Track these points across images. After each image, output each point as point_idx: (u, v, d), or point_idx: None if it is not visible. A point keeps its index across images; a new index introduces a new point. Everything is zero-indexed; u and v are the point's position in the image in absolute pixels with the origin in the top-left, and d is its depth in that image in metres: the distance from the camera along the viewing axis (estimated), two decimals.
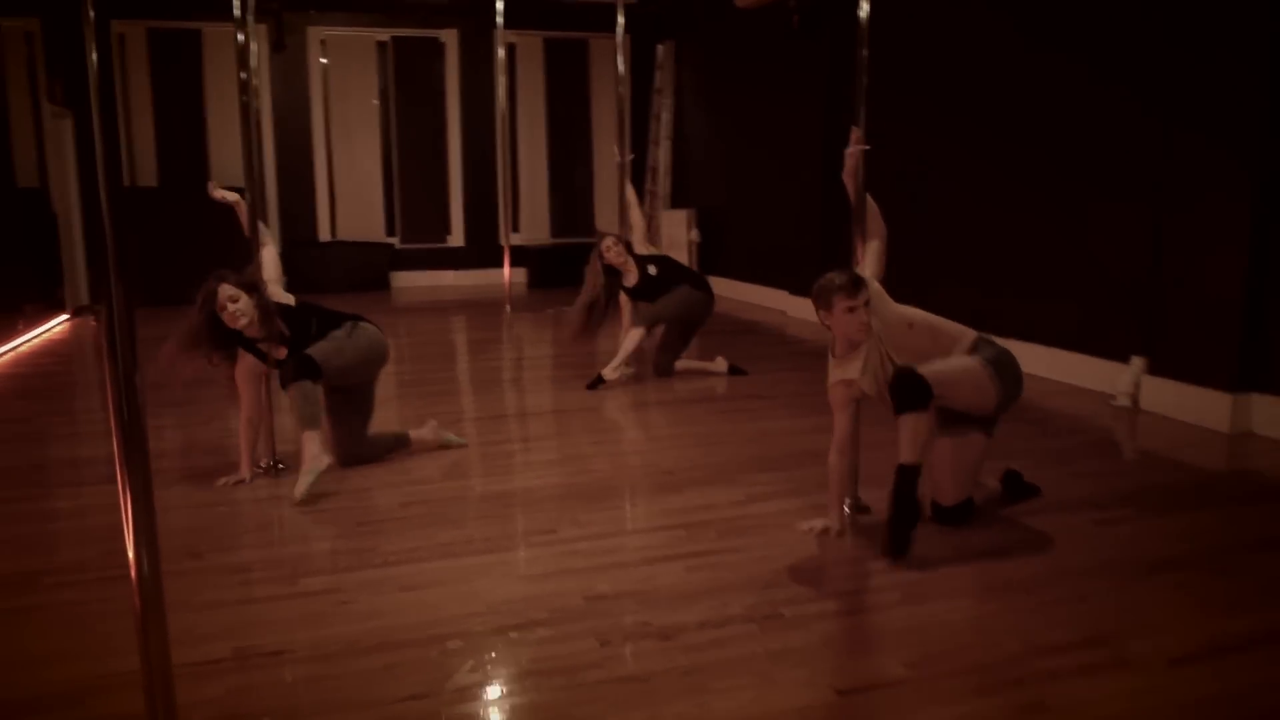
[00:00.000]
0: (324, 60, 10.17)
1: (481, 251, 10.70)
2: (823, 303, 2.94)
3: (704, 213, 9.62)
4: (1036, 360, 5.45)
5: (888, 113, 6.60)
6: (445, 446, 4.17)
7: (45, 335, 7.60)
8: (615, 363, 5.44)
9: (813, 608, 2.59)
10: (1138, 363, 4.75)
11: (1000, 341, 3.27)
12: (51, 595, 2.74)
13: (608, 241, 5.50)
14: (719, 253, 9.48)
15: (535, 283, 10.61)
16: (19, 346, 7.00)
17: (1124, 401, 4.74)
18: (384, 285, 10.46)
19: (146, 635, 1.28)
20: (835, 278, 2.94)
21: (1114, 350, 4.95)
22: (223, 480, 3.70)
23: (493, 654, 2.34)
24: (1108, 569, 2.81)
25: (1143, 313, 4.75)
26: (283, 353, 3.71)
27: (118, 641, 2.41)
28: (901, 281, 6.74)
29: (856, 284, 2.91)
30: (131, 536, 1.25)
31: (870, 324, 2.94)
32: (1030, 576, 2.76)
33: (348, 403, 3.89)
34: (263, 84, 9.80)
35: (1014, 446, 4.08)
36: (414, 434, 4.12)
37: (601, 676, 2.23)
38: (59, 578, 2.84)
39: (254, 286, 3.63)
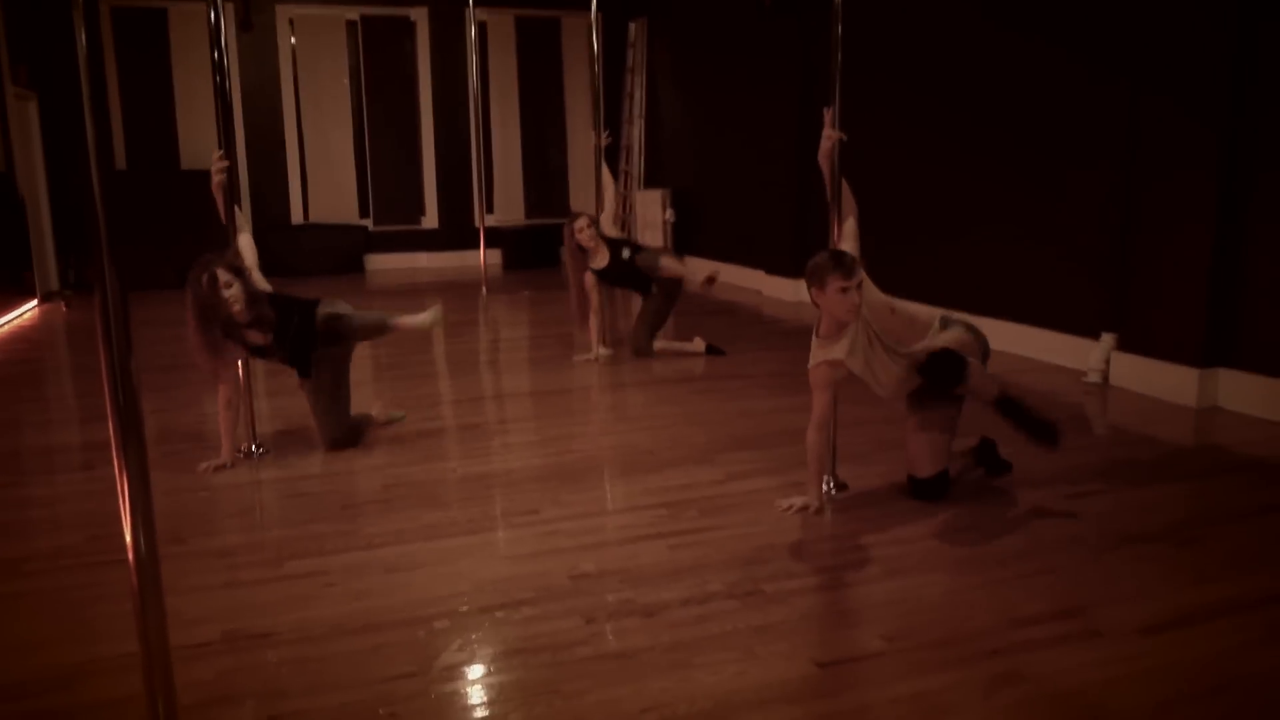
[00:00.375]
0: (293, 40, 10.06)
1: (456, 233, 10.67)
2: (816, 281, 2.95)
3: (679, 192, 9.63)
4: (1007, 337, 5.53)
5: (859, 90, 6.63)
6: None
7: (14, 321, 7.51)
8: (595, 351, 5.52)
9: (793, 584, 2.63)
10: (1107, 339, 4.84)
11: (970, 318, 3.35)
12: (35, 581, 2.73)
13: (580, 222, 5.49)
14: (694, 232, 9.50)
15: (511, 264, 10.60)
16: None
17: (1094, 378, 4.83)
18: (358, 268, 10.41)
19: (145, 617, 1.30)
20: (830, 257, 2.96)
21: (1084, 327, 5.04)
22: (204, 465, 3.70)
23: (479, 633, 2.37)
24: (1079, 542, 2.88)
25: (1112, 289, 4.83)
26: (268, 339, 3.71)
27: (104, 626, 2.43)
28: (874, 259, 6.79)
29: (851, 265, 2.93)
30: (129, 519, 1.27)
31: (860, 306, 2.98)
32: (1005, 550, 2.83)
33: (327, 391, 3.89)
34: (231, 64, 9.67)
35: (986, 421, 4.14)
36: (371, 414, 4.26)
37: (587, 654, 2.27)
38: (41, 564, 2.84)
39: (241, 270, 3.62)
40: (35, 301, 8.35)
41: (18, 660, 2.29)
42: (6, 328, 7.22)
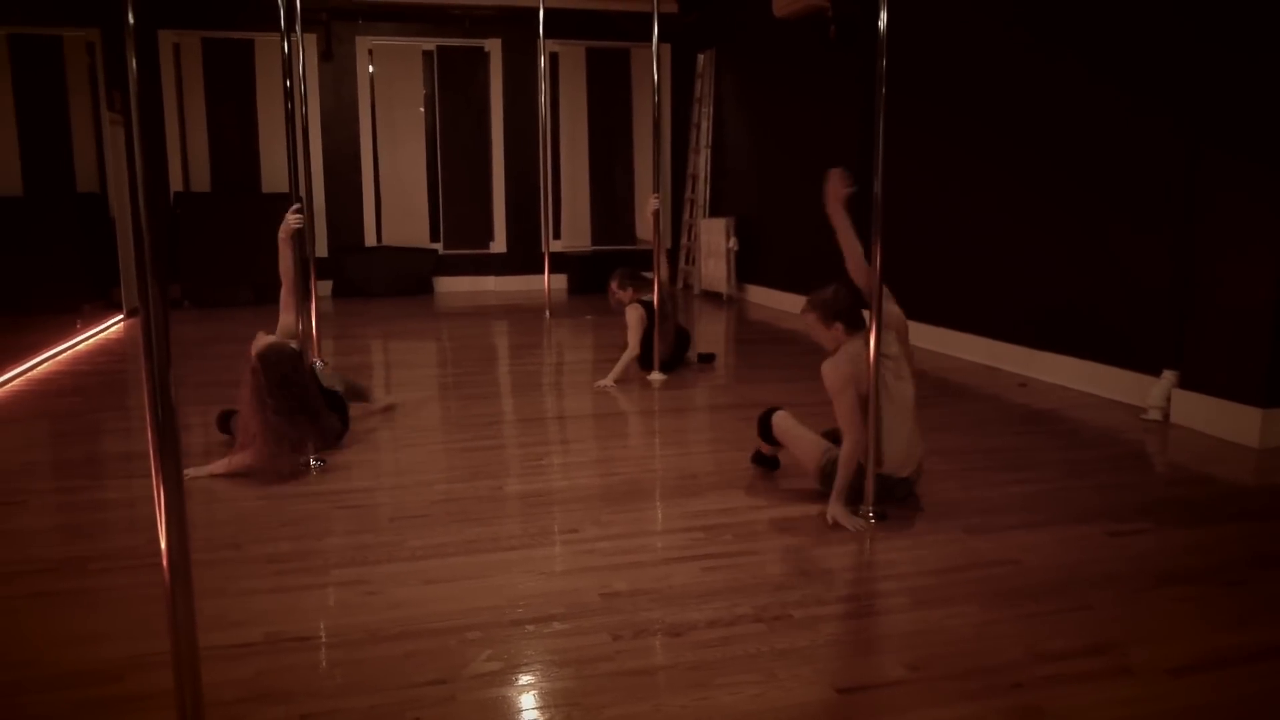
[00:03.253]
0: (371, 69, 10.41)
1: (523, 258, 10.87)
2: (831, 317, 3.43)
3: (742, 221, 9.69)
4: (1067, 372, 5.46)
5: (914, 120, 6.64)
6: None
7: (101, 335, 7.88)
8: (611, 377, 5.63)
9: (821, 610, 2.65)
10: (1168, 376, 4.74)
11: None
12: (97, 580, 2.89)
13: (612, 284, 5.90)
14: (757, 261, 9.54)
15: (576, 289, 10.76)
16: (77, 345, 7.27)
17: (1154, 415, 4.73)
18: (428, 290, 10.67)
19: (175, 614, 1.39)
20: (855, 300, 3.34)
21: (1145, 363, 4.95)
22: (190, 472, 3.74)
23: (508, 645, 2.44)
24: (1117, 580, 2.84)
25: (1173, 326, 4.74)
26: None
27: (157, 623, 2.55)
28: (933, 296, 6.77)
29: (811, 302, 3.40)
30: (164, 522, 1.37)
31: (822, 339, 3.41)
32: (1038, 585, 2.80)
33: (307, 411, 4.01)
34: (311, 92, 10.05)
35: (1039, 458, 4.12)
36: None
37: (611, 669, 2.32)
38: (105, 564, 3.00)
39: (301, 354, 3.76)
40: (121, 316, 8.74)
41: (74, 653, 2.43)
42: (94, 340, 7.58)
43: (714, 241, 9.92)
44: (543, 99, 8.75)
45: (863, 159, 7.23)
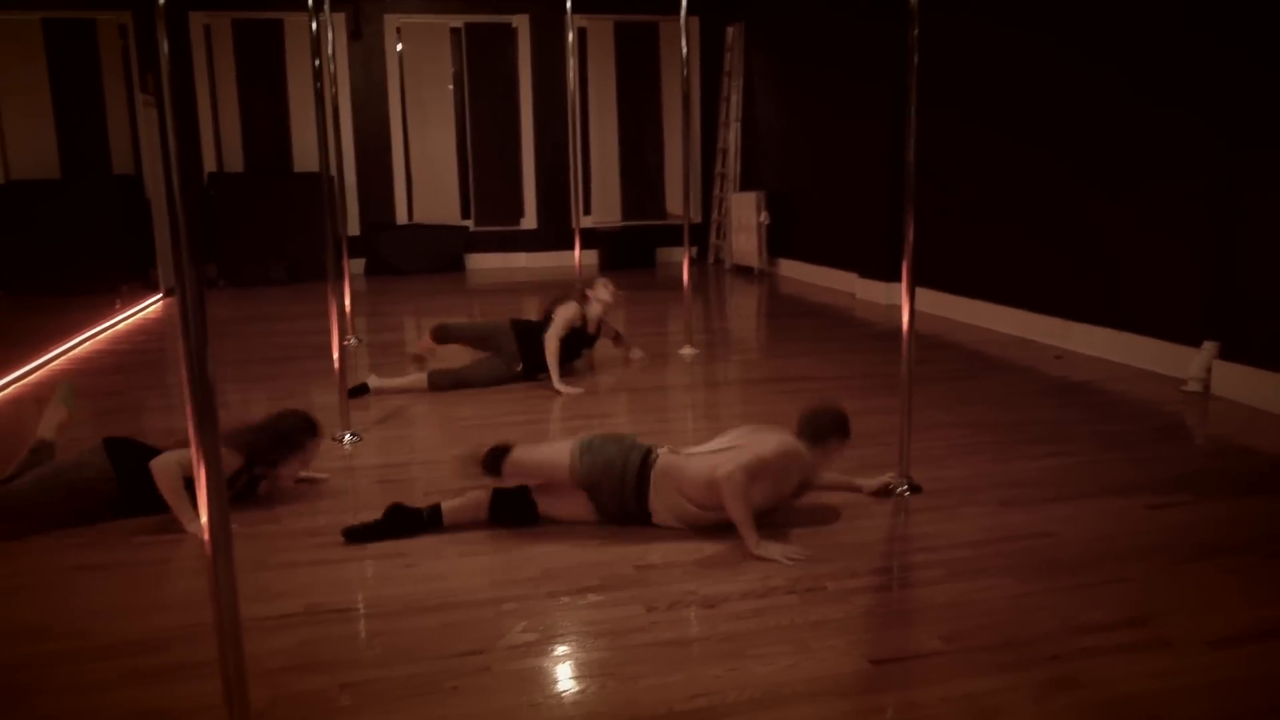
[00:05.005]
0: (400, 47, 10.42)
1: (554, 234, 10.87)
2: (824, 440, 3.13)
3: (773, 195, 9.63)
4: (1104, 344, 5.40)
5: (949, 93, 6.55)
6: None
7: (140, 314, 7.99)
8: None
9: (855, 582, 2.66)
10: (1209, 347, 4.67)
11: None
12: (141, 553, 2.95)
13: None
14: (788, 235, 9.48)
15: (607, 264, 10.74)
16: (116, 325, 7.38)
17: (1194, 387, 4.67)
18: (459, 267, 10.71)
19: (218, 586, 1.42)
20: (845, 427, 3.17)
21: (1184, 334, 4.87)
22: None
23: (543, 617, 2.47)
24: (1155, 552, 2.82)
25: (1214, 295, 4.66)
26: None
27: (199, 596, 2.61)
28: (965, 267, 6.71)
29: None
30: (204, 496, 1.39)
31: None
32: (1074, 557, 2.79)
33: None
34: (341, 71, 10.08)
35: (1075, 430, 4.08)
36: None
37: (645, 640, 2.34)
38: (148, 537, 3.05)
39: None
40: (159, 296, 8.86)
41: (121, 623, 2.48)
42: (133, 320, 7.69)
43: (744, 216, 9.86)
44: (571, 74, 8.70)
45: (895, 129, 7.17)
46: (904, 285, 3.30)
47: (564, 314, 5.06)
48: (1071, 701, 2.05)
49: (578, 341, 5.19)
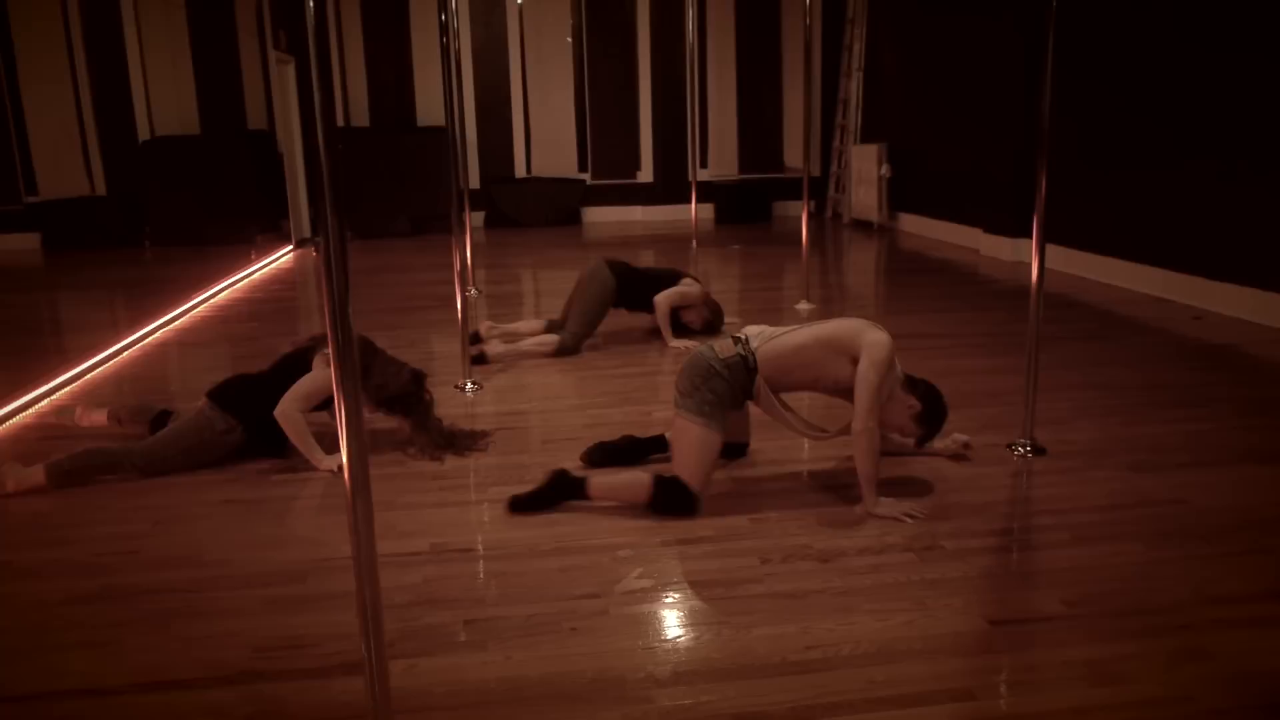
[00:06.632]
0: (520, 1, 10.47)
1: (670, 187, 10.84)
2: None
3: (895, 147, 9.37)
4: (1247, 305, 5.11)
5: (1086, 41, 6.23)
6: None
7: (273, 265, 8.35)
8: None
9: (974, 542, 2.61)
10: None
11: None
12: (278, 489, 3.12)
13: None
14: (910, 189, 9.24)
15: (723, 218, 10.68)
16: (252, 275, 7.74)
17: None
18: (576, 220, 10.80)
19: (356, 522, 1.49)
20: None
21: None
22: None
23: (659, 564, 2.51)
24: None
25: None
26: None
27: (333, 532, 2.75)
28: (1099, 223, 6.42)
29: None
30: (345, 435, 1.46)
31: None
32: (1208, 526, 2.67)
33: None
34: (463, 26, 10.21)
35: (1213, 394, 3.90)
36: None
37: (759, 591, 2.36)
38: (285, 476, 3.22)
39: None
40: (291, 247, 9.23)
41: (262, 555, 2.64)
42: (267, 270, 8.04)
43: (865, 168, 9.64)
44: (690, 24, 8.62)
45: (1030, 79, 6.86)
46: (1034, 240, 3.19)
47: (688, 288, 5.00)
48: (1201, 673, 1.98)
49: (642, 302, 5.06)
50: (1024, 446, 3.26)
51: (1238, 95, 5.18)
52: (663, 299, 4.95)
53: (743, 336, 2.97)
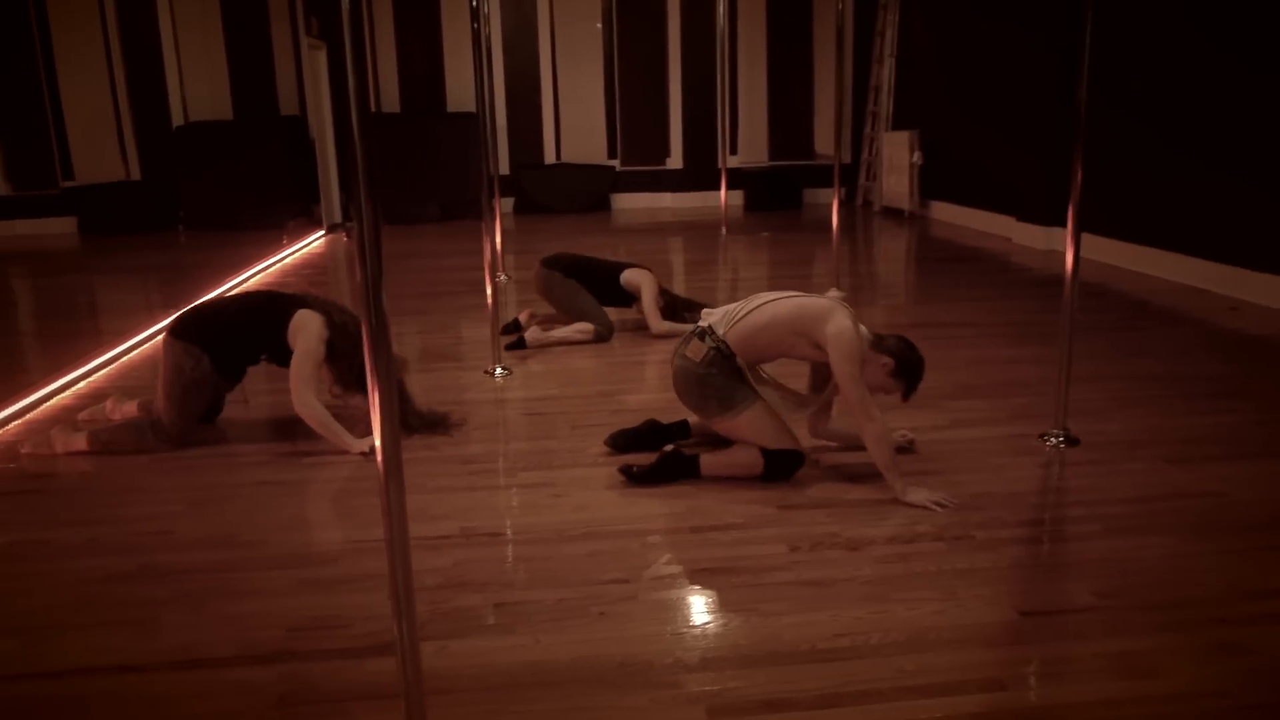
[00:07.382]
0: None
1: (700, 174, 10.81)
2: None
3: (927, 135, 9.28)
4: None
5: (1128, 23, 6.13)
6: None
7: (305, 250, 8.41)
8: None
9: (1005, 533, 2.60)
10: None
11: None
12: (309, 472, 3.15)
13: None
14: (941, 176, 9.15)
15: (752, 205, 10.64)
16: (285, 259, 7.80)
17: None
18: (605, 206, 10.80)
19: (389, 505, 1.51)
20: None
21: None
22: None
23: (688, 550, 2.52)
24: None
25: None
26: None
27: (364, 515, 2.78)
28: (1134, 210, 6.33)
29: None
30: (379, 422, 1.47)
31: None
32: (1245, 520, 2.64)
33: None
34: (494, 12, 10.21)
35: (1250, 387, 3.85)
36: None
37: (787, 579, 2.36)
38: (318, 458, 3.26)
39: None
40: (323, 232, 9.29)
41: (295, 536, 2.67)
42: (299, 255, 8.10)
43: (896, 156, 9.56)
44: (720, 9, 8.58)
45: (1063, 63, 6.77)
46: (1069, 228, 3.15)
47: (650, 275, 4.97)
48: (1237, 668, 1.96)
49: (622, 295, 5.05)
50: (1057, 437, 3.23)
51: (1275, 86, 5.09)
52: (647, 292, 4.90)
53: (706, 327, 2.98)
